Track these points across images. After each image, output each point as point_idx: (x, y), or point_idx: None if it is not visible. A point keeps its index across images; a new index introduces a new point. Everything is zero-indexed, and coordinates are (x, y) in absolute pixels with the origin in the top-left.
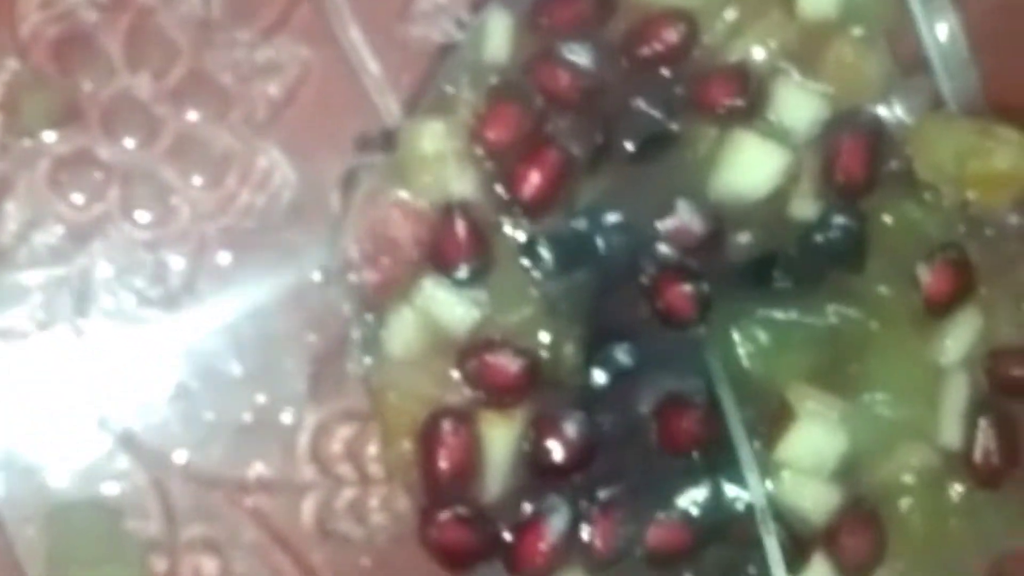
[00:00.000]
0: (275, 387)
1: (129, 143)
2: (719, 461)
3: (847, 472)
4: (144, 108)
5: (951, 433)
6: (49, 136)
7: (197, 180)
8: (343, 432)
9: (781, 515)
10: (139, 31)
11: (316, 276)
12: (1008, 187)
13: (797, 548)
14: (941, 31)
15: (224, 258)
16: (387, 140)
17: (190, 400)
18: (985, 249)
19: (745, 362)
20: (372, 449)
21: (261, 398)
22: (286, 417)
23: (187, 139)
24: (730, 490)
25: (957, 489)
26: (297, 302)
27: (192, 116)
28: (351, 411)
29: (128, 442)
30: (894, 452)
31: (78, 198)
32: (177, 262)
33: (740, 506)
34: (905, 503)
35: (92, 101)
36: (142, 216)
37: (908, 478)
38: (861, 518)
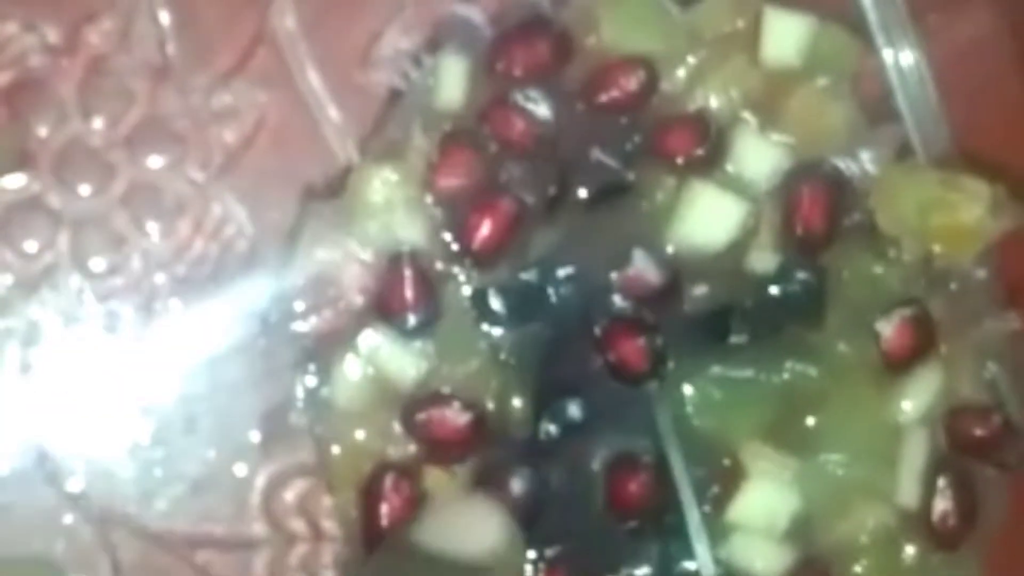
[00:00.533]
0: (226, 440)
1: (82, 190)
2: (668, 525)
3: (800, 532)
4: (97, 155)
5: (909, 493)
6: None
7: (150, 228)
8: (296, 486)
9: None
10: (93, 76)
11: (270, 327)
12: (973, 241)
13: None
14: (909, 78)
15: (176, 308)
16: (335, 186)
17: (139, 454)
18: (948, 304)
19: (695, 420)
20: (326, 503)
21: (212, 452)
22: (237, 471)
23: (141, 186)
24: (678, 556)
25: (912, 551)
26: (250, 353)
27: (146, 163)
28: (304, 465)
29: (74, 497)
30: (849, 512)
31: (28, 247)
32: (128, 312)
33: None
34: (859, 565)
35: (44, 147)
36: (93, 265)
37: (863, 539)
38: None
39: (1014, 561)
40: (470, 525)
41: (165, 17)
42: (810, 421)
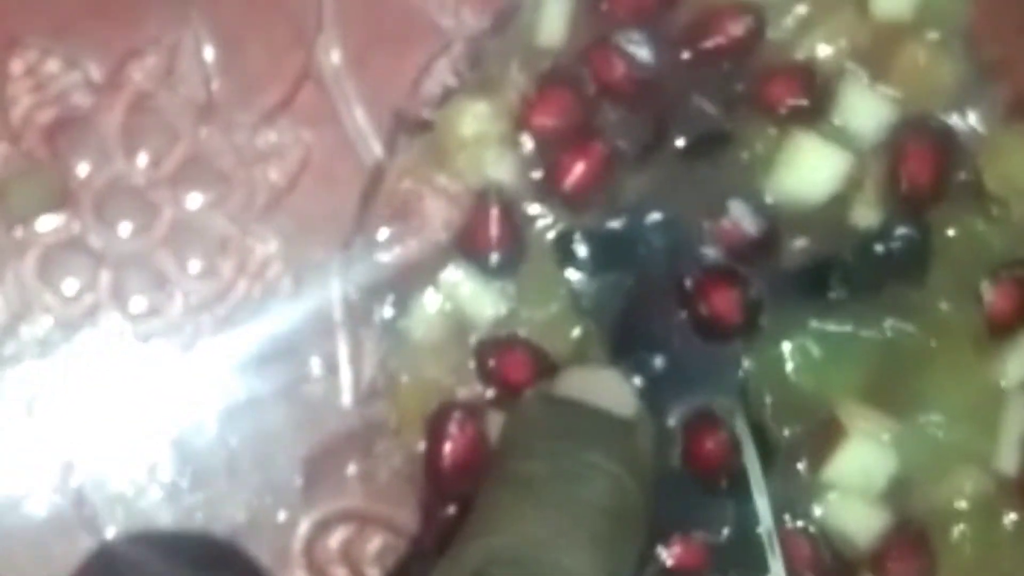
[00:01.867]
0: (268, 485)
1: (123, 230)
2: (744, 484)
3: (896, 495)
4: (140, 194)
5: (1009, 459)
6: (40, 224)
7: (192, 268)
8: (339, 533)
9: (827, 537)
10: (136, 114)
11: (314, 370)
12: None
13: (842, 571)
14: None
15: (217, 349)
16: (426, 119)
17: (178, 499)
18: None
19: (794, 376)
20: (370, 549)
21: (253, 497)
22: (279, 517)
23: (183, 226)
24: (755, 519)
25: (1011, 517)
26: (293, 397)
27: (189, 202)
28: (348, 511)
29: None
30: (947, 476)
31: (68, 287)
32: (169, 353)
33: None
34: (956, 530)
35: (85, 187)
36: (134, 306)
37: (960, 504)
38: (909, 543)
39: None
40: (610, 388)
41: (210, 53)
42: (910, 382)
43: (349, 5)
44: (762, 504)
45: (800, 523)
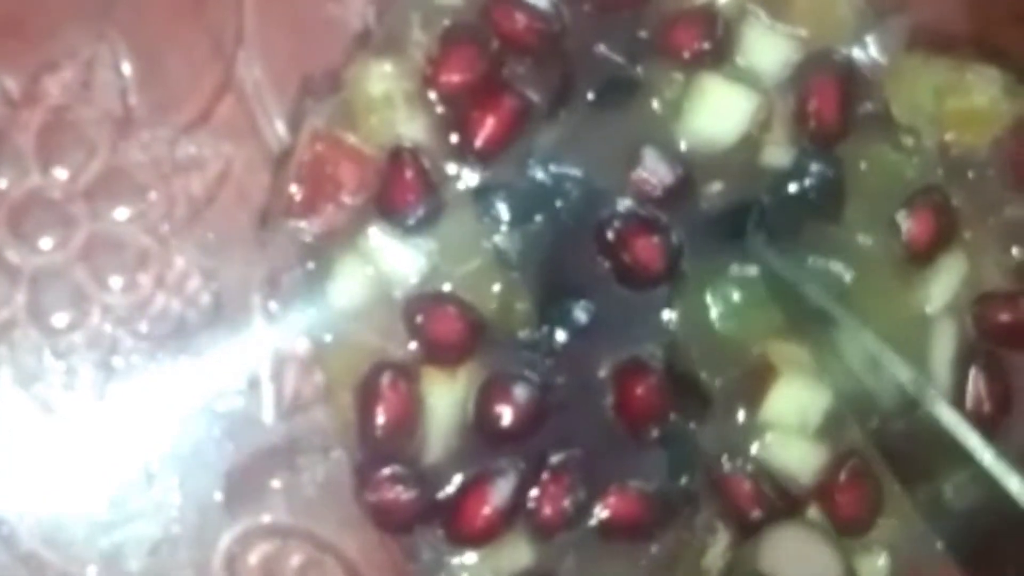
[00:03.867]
0: (189, 501)
1: (42, 244)
2: (679, 432)
3: (834, 428)
4: (57, 207)
5: (940, 382)
6: None
7: (111, 283)
8: (261, 548)
9: (769, 475)
10: (53, 127)
11: (235, 384)
12: (988, 125)
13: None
14: None
15: (137, 365)
16: (334, 81)
17: (97, 515)
18: (967, 192)
19: (719, 323)
20: (292, 565)
21: (173, 512)
22: (200, 532)
23: (102, 240)
24: (687, 466)
25: None
26: (214, 412)
27: (108, 216)
28: (270, 526)
29: (32, 559)
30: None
31: None
32: (87, 369)
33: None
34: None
35: (2, 201)
36: (53, 321)
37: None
38: (855, 474)
39: None
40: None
41: (128, 67)
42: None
43: (270, 18)
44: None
45: (741, 465)
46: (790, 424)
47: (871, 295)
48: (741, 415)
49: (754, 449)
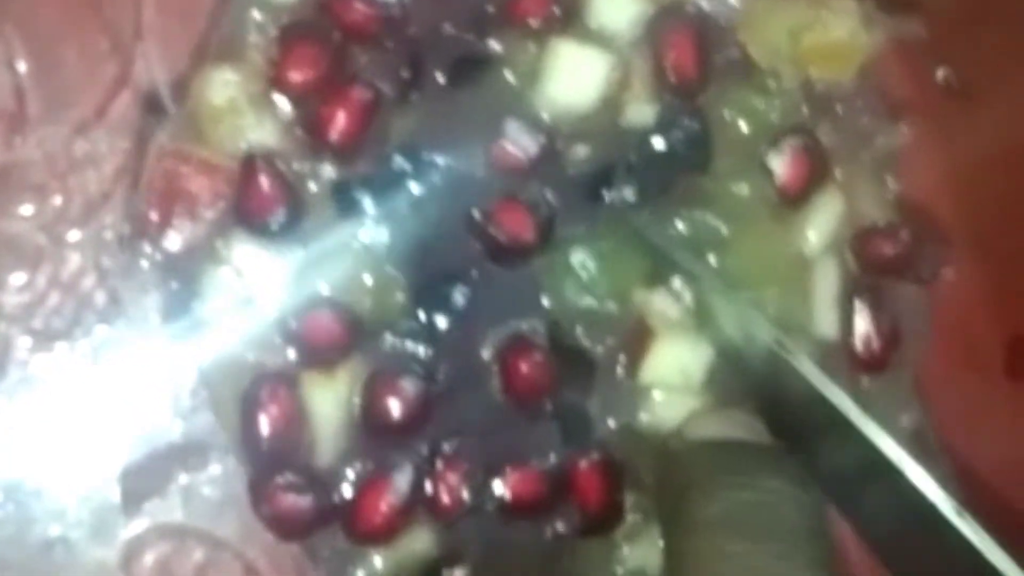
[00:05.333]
0: (85, 500)
1: None
2: (570, 406)
3: (718, 380)
4: None
5: (826, 322)
6: None
7: (8, 281)
8: (158, 548)
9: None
10: None
11: (133, 383)
12: (850, 58)
13: None
14: None
15: (31, 363)
16: (177, 94)
17: None
18: (836, 128)
19: (591, 287)
20: (190, 565)
21: (67, 511)
22: (96, 532)
23: None
24: (582, 437)
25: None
26: (111, 411)
27: (3, 213)
28: (168, 526)
29: None
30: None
31: None
32: None
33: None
34: None
35: None
36: None
37: None
38: None
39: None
40: (741, 422)
41: (22, 65)
42: (719, 267)
43: (168, 11)
44: None
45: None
46: (673, 382)
47: (750, 243)
48: (623, 378)
49: (642, 411)
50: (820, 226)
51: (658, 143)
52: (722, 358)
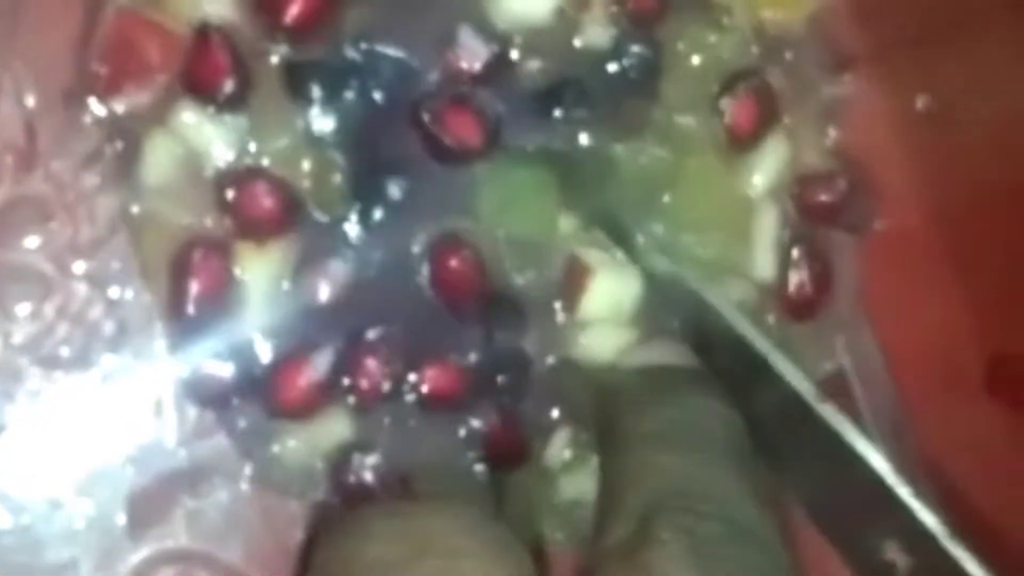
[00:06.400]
0: (92, 525)
1: None
2: (497, 306)
3: (647, 311)
4: None
5: (765, 266)
6: None
7: (15, 312)
8: (164, 572)
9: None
10: None
11: (139, 410)
12: (801, 2)
13: None
14: None
15: (39, 392)
16: None
17: (2, 541)
18: (785, 74)
19: (530, 204)
20: None
21: (78, 536)
22: (104, 556)
23: (5, 270)
24: (505, 341)
25: (771, 322)
26: (117, 436)
27: (11, 245)
28: (173, 551)
29: None
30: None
31: None
32: None
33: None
34: None
35: None
36: None
37: None
38: None
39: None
40: (671, 349)
41: (31, 100)
42: (665, 200)
43: None
44: None
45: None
46: (607, 316)
47: (697, 179)
48: (560, 316)
49: (576, 345)
50: (766, 170)
51: (612, 66)
52: (652, 293)
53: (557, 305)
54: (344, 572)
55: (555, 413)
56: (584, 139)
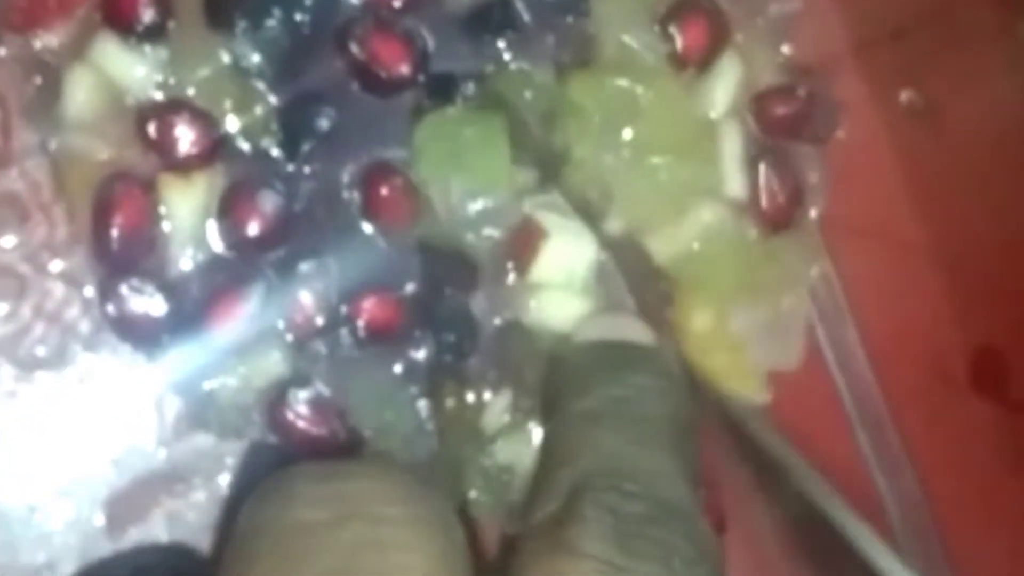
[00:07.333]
0: (71, 526)
1: None
2: (446, 260)
3: (598, 279)
4: None
5: (735, 183)
6: None
7: None
8: None
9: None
10: None
11: (118, 410)
12: None
13: None
14: None
15: (17, 393)
16: None
17: None
18: None
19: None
20: None
21: (55, 537)
22: (82, 557)
23: None
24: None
25: (752, 234)
26: (96, 437)
27: None
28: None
29: None
30: (685, 215)
31: None
32: None
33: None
34: (706, 267)
35: None
36: None
37: (705, 245)
38: None
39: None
40: (627, 324)
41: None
42: (628, 133)
43: None
44: None
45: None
46: (559, 282)
47: (661, 110)
48: (511, 278)
49: (527, 307)
50: (724, 90)
51: None
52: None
53: (509, 265)
54: (267, 534)
55: (496, 375)
56: (517, 63)
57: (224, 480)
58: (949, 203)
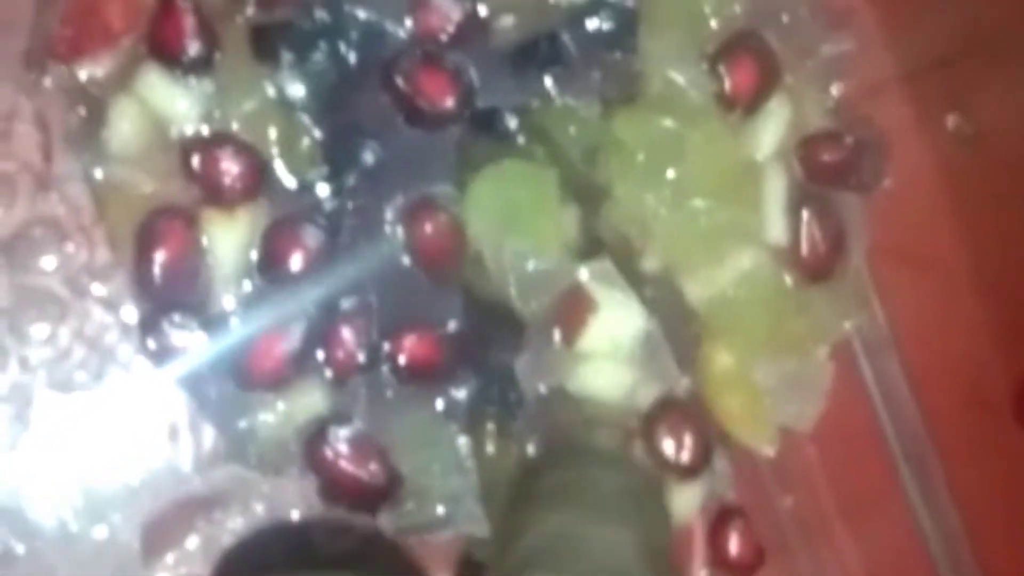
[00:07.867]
0: (106, 550)
1: None
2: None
3: (645, 350)
4: None
5: (776, 229)
6: None
7: (30, 335)
8: None
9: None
10: None
11: (154, 436)
12: None
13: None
14: None
15: (53, 416)
16: None
17: (14, 565)
18: (783, 35)
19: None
20: None
21: (91, 563)
22: None
23: (21, 292)
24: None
25: (789, 285)
26: (132, 462)
27: (28, 266)
28: None
29: None
30: (723, 260)
31: None
32: (3, 421)
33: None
34: (742, 313)
35: None
36: None
37: (741, 291)
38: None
39: None
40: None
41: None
42: (671, 174)
43: None
44: None
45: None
46: (605, 352)
47: (705, 151)
48: (556, 342)
49: (572, 376)
50: (770, 132)
51: (589, 20)
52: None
53: (555, 330)
54: None
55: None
56: (563, 98)
57: (260, 507)
58: (994, 230)
